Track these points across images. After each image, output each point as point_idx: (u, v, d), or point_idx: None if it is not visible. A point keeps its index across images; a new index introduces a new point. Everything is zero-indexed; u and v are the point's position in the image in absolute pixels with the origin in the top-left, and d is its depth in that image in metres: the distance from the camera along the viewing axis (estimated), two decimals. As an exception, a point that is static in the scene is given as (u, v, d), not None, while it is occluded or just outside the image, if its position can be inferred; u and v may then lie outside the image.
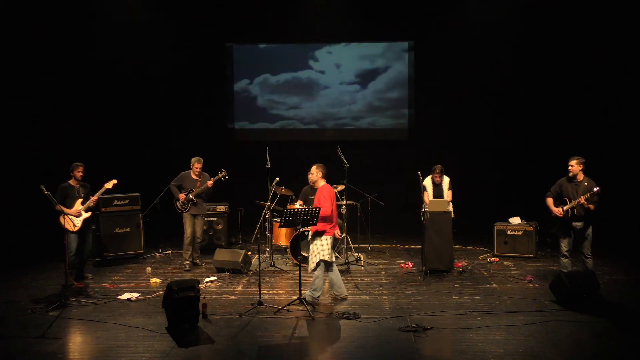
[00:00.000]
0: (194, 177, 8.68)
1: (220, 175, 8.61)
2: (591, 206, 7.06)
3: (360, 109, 12.44)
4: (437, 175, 8.85)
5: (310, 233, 6.92)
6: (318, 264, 6.81)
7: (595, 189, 7.03)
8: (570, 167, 7.24)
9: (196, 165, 8.66)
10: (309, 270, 7.00)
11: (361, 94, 12.41)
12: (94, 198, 7.89)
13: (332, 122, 12.46)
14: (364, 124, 12.43)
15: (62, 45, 10.86)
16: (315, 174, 6.97)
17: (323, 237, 6.81)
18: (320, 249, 6.79)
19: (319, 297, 6.86)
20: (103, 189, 7.93)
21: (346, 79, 12.41)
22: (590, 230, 7.27)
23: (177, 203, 8.67)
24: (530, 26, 11.21)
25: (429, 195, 8.80)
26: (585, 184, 7.21)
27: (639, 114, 10.44)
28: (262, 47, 12.52)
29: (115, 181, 8.00)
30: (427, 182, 8.93)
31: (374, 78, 12.39)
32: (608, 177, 8.61)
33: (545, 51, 11.26)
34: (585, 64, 10.88)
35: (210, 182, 8.57)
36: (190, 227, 8.66)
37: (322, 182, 6.98)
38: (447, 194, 8.84)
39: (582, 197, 7.07)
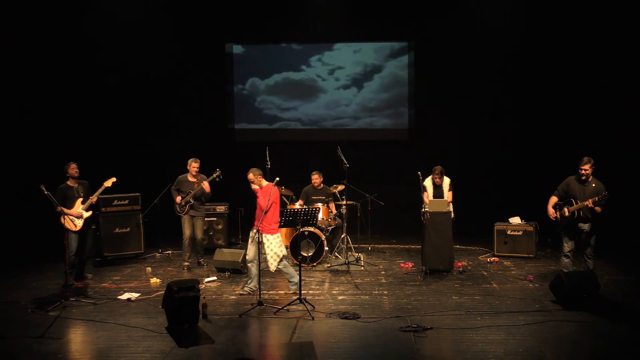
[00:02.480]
0: (191, 179, 8.68)
1: (214, 175, 8.62)
2: (598, 209, 7.03)
3: (360, 109, 12.43)
4: (437, 176, 8.84)
5: (264, 235, 7.05)
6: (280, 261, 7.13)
7: (603, 193, 6.99)
8: (584, 172, 7.15)
9: (193, 164, 8.66)
10: (272, 270, 7.21)
11: (361, 94, 12.40)
12: (94, 198, 7.88)
13: (332, 122, 12.45)
14: (364, 124, 12.42)
15: (62, 45, 10.85)
16: (257, 180, 7.15)
17: (275, 236, 7.10)
18: (277, 249, 7.09)
19: (296, 282, 7.09)
20: (102, 188, 7.93)
21: (346, 79, 12.40)
22: (594, 233, 7.25)
23: (176, 206, 8.69)
24: (531, 26, 11.19)
25: (429, 196, 8.80)
26: (594, 185, 7.15)
27: (637, 114, 10.43)
28: (262, 48, 12.51)
29: (114, 179, 8.00)
30: (428, 182, 8.92)
31: (374, 78, 12.38)
32: (607, 176, 8.61)
33: (546, 50, 11.25)
34: (586, 65, 10.86)
35: (206, 185, 8.56)
36: (189, 228, 8.68)
37: (265, 183, 7.22)
38: (448, 195, 8.83)
39: (589, 200, 7.04)
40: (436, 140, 11.63)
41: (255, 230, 7.03)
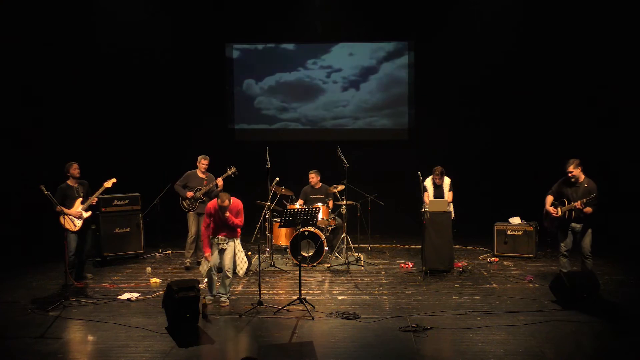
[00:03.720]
0: (201, 175, 8.72)
1: (229, 172, 8.64)
2: (588, 209, 7.03)
3: (360, 109, 12.43)
4: (437, 176, 8.84)
5: (228, 241, 6.92)
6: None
7: (593, 195, 7.00)
8: (570, 174, 7.19)
9: (203, 161, 8.71)
10: (241, 276, 7.14)
11: (361, 94, 12.40)
12: (94, 199, 7.88)
13: (332, 122, 12.45)
14: (364, 124, 12.42)
15: (62, 44, 10.85)
16: (227, 201, 6.79)
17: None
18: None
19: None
20: (102, 188, 7.93)
21: (346, 79, 12.40)
22: (589, 231, 7.26)
23: (184, 202, 8.68)
24: (531, 26, 11.19)
25: (429, 196, 8.80)
26: (585, 185, 7.17)
27: (637, 114, 10.43)
28: (261, 48, 12.51)
29: (114, 180, 8.00)
30: (428, 182, 8.93)
31: (374, 78, 12.38)
32: (607, 176, 8.63)
33: (547, 51, 11.25)
34: (586, 65, 10.86)
35: (220, 182, 8.59)
36: (195, 226, 8.69)
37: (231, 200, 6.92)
38: (448, 195, 8.83)
39: (578, 202, 7.04)
40: (436, 140, 11.62)
41: (222, 237, 6.87)
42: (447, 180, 8.92)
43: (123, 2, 11.16)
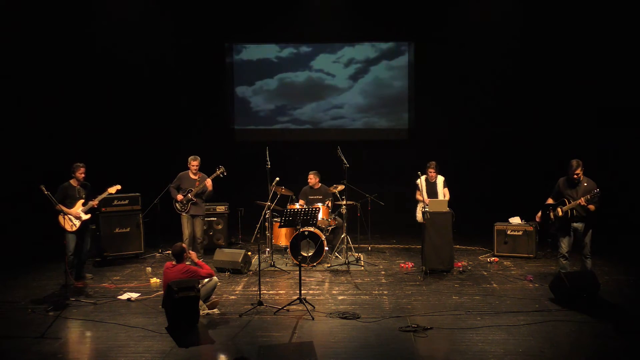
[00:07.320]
0: (192, 176, 8.69)
1: (218, 172, 8.61)
2: (592, 207, 7.05)
3: (360, 109, 12.44)
4: (431, 170, 8.76)
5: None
6: None
7: (595, 190, 7.01)
8: (577, 175, 7.17)
9: (192, 162, 8.67)
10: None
11: (361, 94, 12.42)
12: (95, 202, 7.87)
13: (332, 122, 12.47)
14: (363, 124, 12.44)
15: (62, 44, 10.86)
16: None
17: None
18: None
19: None
20: (106, 193, 7.91)
21: (346, 79, 12.41)
22: (590, 231, 7.26)
23: (177, 204, 8.67)
24: (530, 26, 11.21)
25: (422, 193, 8.68)
26: (585, 184, 7.19)
27: (637, 114, 10.44)
28: (262, 48, 12.52)
29: (119, 187, 7.99)
30: (421, 180, 8.80)
31: (374, 78, 12.39)
32: (607, 176, 8.62)
33: (546, 51, 11.26)
34: (587, 65, 10.87)
35: (209, 182, 8.56)
36: (189, 228, 8.67)
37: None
38: (443, 193, 8.80)
39: (582, 198, 7.05)
40: (436, 141, 11.64)
41: None
42: (440, 178, 8.88)
43: (123, 4, 11.16)
